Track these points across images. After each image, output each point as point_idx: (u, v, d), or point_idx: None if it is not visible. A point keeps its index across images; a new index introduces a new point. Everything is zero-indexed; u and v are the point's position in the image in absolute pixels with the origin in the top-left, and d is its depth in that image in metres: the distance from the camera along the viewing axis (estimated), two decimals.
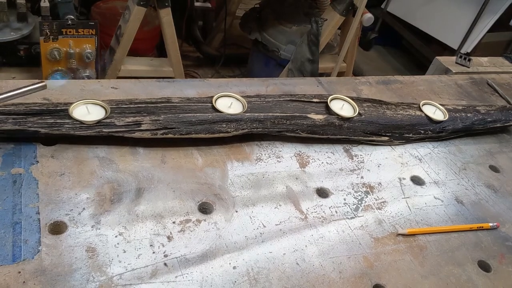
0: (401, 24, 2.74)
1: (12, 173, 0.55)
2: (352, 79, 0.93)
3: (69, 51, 1.48)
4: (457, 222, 0.66)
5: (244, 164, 0.66)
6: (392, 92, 0.91)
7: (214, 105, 0.68)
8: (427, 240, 0.62)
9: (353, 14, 1.82)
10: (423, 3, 2.60)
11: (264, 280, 0.52)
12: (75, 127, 0.59)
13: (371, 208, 0.65)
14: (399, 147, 0.78)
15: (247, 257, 0.54)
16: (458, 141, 0.83)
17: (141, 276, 0.49)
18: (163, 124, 0.63)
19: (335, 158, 0.72)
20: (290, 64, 1.88)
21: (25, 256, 0.47)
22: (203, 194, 0.60)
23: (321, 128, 0.72)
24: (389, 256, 0.58)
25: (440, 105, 0.83)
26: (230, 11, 2.34)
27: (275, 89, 0.83)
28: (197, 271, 0.51)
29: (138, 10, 1.53)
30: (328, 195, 0.65)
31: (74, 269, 0.48)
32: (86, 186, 0.56)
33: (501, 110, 0.88)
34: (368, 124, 0.75)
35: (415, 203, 0.68)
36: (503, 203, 0.72)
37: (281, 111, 0.71)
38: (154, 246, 0.52)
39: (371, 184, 0.69)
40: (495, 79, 1.06)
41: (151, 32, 1.94)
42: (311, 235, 0.59)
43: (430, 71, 1.11)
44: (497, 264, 0.61)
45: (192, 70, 2.32)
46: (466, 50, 2.42)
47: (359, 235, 0.60)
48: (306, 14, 1.99)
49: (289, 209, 0.61)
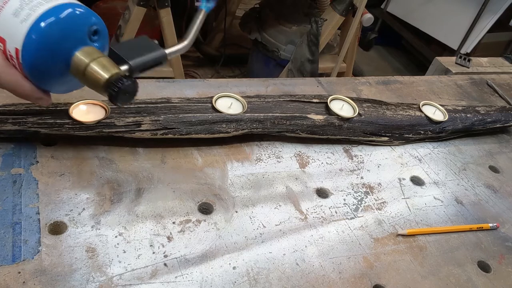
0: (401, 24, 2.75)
1: (12, 173, 0.55)
2: (352, 79, 0.93)
3: None
4: (457, 223, 0.66)
5: (244, 164, 0.66)
6: (392, 93, 0.91)
7: (214, 105, 0.68)
8: (427, 241, 0.62)
9: (353, 14, 1.82)
10: (423, 3, 2.60)
11: (264, 281, 0.52)
12: (75, 127, 0.59)
13: (371, 209, 0.65)
14: (399, 148, 0.78)
15: (247, 257, 0.54)
16: (458, 141, 0.83)
17: (141, 276, 0.49)
18: (163, 124, 0.63)
19: (335, 159, 0.72)
20: (290, 64, 1.88)
21: (25, 256, 0.47)
22: (203, 194, 0.60)
23: (321, 128, 0.72)
24: (389, 257, 0.58)
25: (440, 106, 0.83)
26: (230, 11, 2.34)
27: (275, 89, 0.83)
28: (197, 271, 0.51)
29: (138, 10, 1.53)
30: (328, 196, 0.65)
31: (74, 269, 0.48)
32: (86, 186, 0.56)
33: (501, 110, 0.88)
34: (368, 125, 0.75)
35: (415, 203, 0.68)
36: (503, 203, 0.72)
37: (281, 112, 0.71)
38: (154, 246, 0.52)
39: (371, 184, 0.69)
40: (495, 79, 1.06)
41: (151, 32, 1.94)
42: (311, 236, 0.59)
43: (430, 71, 1.11)
44: (496, 265, 0.61)
45: (192, 70, 2.32)
46: (466, 51, 2.42)
47: (359, 235, 0.60)
48: (306, 14, 1.99)
49: (289, 209, 0.61)
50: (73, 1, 0.39)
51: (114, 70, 0.41)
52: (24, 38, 0.36)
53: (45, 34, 0.37)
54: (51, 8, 0.37)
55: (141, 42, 0.43)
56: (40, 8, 0.37)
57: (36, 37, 0.37)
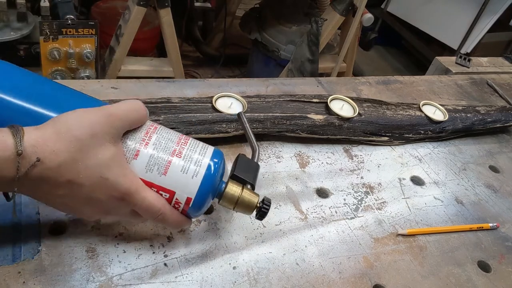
0: (401, 24, 2.75)
1: None
2: (352, 79, 0.93)
3: (69, 51, 1.48)
4: (457, 222, 0.66)
5: None
6: (392, 92, 0.91)
7: (214, 105, 0.68)
8: (427, 240, 0.62)
9: (353, 14, 1.82)
10: (423, 3, 2.60)
11: (264, 281, 0.52)
12: None
13: (371, 208, 0.65)
14: (399, 147, 0.78)
15: (247, 257, 0.54)
16: (458, 141, 0.83)
17: (141, 276, 0.49)
18: (163, 124, 0.63)
19: (335, 158, 0.72)
20: (290, 64, 1.88)
21: (25, 256, 0.47)
22: None
23: (321, 128, 0.72)
24: (389, 256, 0.58)
25: (440, 105, 0.83)
26: (230, 11, 2.34)
27: (275, 89, 0.83)
28: (197, 271, 0.51)
29: (138, 10, 1.53)
30: (328, 195, 0.65)
31: (74, 269, 0.48)
32: None
33: (501, 110, 0.88)
34: (368, 124, 0.75)
35: (415, 203, 0.68)
36: (503, 203, 0.72)
37: (281, 111, 0.71)
38: (154, 246, 0.52)
39: (371, 184, 0.69)
40: (495, 79, 1.06)
41: (151, 32, 1.94)
42: (311, 235, 0.59)
43: (430, 71, 1.11)
44: (497, 265, 0.61)
45: (192, 70, 2.32)
46: (466, 50, 2.42)
47: (359, 235, 0.60)
48: (306, 14, 1.99)
49: (289, 209, 0.61)
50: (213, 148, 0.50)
51: (256, 194, 0.51)
52: (198, 189, 0.46)
53: (212, 182, 0.47)
54: (211, 157, 0.48)
55: (241, 160, 0.53)
56: (205, 158, 0.47)
57: (207, 187, 0.46)
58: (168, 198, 0.46)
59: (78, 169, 0.41)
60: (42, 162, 0.39)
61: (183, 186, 0.46)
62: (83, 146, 0.41)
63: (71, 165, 0.40)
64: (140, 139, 0.45)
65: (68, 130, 0.40)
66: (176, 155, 0.46)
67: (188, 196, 0.46)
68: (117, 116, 0.43)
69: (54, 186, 0.41)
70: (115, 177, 0.43)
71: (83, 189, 0.42)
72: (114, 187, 0.43)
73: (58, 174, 0.40)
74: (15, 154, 0.38)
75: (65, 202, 0.44)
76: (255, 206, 0.50)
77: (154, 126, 0.48)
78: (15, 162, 0.38)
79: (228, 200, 0.49)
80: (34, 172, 0.39)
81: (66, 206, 0.44)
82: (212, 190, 0.48)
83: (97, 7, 1.99)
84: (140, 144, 0.45)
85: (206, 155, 0.48)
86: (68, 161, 0.40)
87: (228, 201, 0.49)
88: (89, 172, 0.41)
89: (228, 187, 0.49)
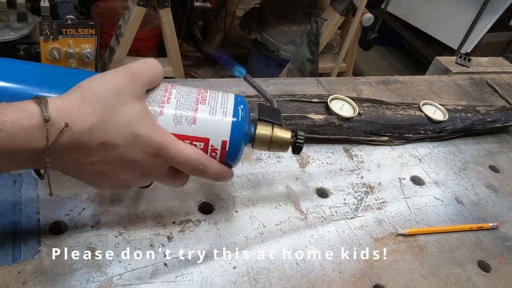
0: (401, 24, 2.75)
1: (12, 173, 0.55)
2: (352, 79, 0.93)
3: (69, 51, 1.48)
4: (457, 222, 0.66)
5: (244, 164, 0.66)
6: (392, 92, 0.91)
7: None
8: (427, 240, 0.62)
9: (353, 14, 1.82)
10: (423, 3, 2.60)
11: (264, 280, 0.52)
12: None
13: (371, 208, 0.65)
14: (399, 147, 0.78)
15: (247, 257, 0.54)
16: (458, 141, 0.83)
17: (141, 276, 0.49)
18: None
19: (335, 158, 0.72)
20: (290, 64, 1.88)
21: (25, 256, 0.47)
22: (203, 194, 0.60)
23: (321, 128, 0.72)
24: (389, 256, 0.58)
25: (440, 105, 0.83)
26: (230, 11, 2.34)
27: (275, 89, 0.83)
28: (197, 271, 0.51)
29: (138, 10, 1.53)
30: (328, 195, 0.65)
31: (74, 269, 0.48)
32: (86, 186, 0.56)
33: (501, 110, 0.88)
34: (368, 124, 0.75)
35: (415, 203, 0.68)
36: (503, 203, 0.72)
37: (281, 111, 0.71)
38: (154, 246, 0.52)
39: (371, 184, 0.69)
40: (495, 79, 1.06)
41: (151, 32, 1.94)
42: (311, 235, 0.59)
43: (430, 71, 1.11)
44: (497, 264, 0.61)
45: (192, 70, 2.32)
46: (466, 50, 2.42)
47: (359, 235, 0.60)
48: (306, 14, 1.99)
49: (289, 209, 0.61)
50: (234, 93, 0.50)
51: (288, 130, 0.51)
52: (231, 130, 0.46)
53: (242, 122, 0.47)
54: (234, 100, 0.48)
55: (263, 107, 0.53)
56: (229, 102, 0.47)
57: (238, 128, 0.46)
58: (203, 147, 0.46)
59: (108, 129, 0.40)
60: (71, 128, 0.38)
61: (215, 131, 0.46)
62: (110, 106, 0.40)
63: (101, 127, 0.39)
64: (161, 96, 0.45)
65: (92, 93, 0.40)
66: (200, 102, 0.46)
67: (223, 139, 0.46)
68: (138, 74, 0.43)
69: (87, 153, 0.40)
70: (147, 133, 0.42)
71: (118, 150, 0.41)
72: (148, 143, 0.42)
73: (89, 138, 0.39)
74: (42, 121, 0.36)
75: (101, 170, 0.42)
76: (290, 142, 0.51)
77: (170, 83, 0.48)
78: (44, 130, 0.37)
79: (261, 141, 0.50)
80: (64, 138, 0.38)
81: (102, 175, 0.43)
82: (243, 132, 0.47)
83: (97, 7, 1.99)
84: (162, 100, 0.45)
85: (229, 99, 0.48)
86: (97, 123, 0.39)
87: (261, 142, 0.50)
88: (120, 131, 0.41)
89: (258, 128, 0.50)
